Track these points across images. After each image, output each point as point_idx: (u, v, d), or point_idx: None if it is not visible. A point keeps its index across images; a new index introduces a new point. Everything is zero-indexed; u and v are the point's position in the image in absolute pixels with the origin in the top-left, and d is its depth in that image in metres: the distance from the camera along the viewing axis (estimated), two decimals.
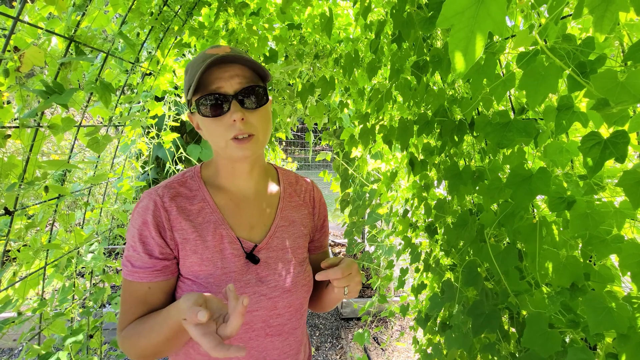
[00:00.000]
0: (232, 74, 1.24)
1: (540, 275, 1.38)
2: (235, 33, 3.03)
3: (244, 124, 1.24)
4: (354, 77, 2.94)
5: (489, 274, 1.74)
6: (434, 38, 1.99)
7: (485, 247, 1.59)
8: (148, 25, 2.69)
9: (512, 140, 1.34)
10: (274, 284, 1.35)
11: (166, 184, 1.36)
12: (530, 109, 1.29)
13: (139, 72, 2.96)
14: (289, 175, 1.59)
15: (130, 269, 1.27)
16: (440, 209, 2.13)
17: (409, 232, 2.71)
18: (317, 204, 1.59)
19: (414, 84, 2.03)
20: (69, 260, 2.55)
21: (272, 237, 1.41)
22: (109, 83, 2.18)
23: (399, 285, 2.91)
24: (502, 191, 1.51)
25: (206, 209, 1.35)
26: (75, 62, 1.98)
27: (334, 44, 3.16)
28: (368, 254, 3.65)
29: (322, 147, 12.13)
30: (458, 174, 1.75)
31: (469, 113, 1.61)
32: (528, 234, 1.42)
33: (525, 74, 1.14)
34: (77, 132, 2.42)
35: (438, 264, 2.32)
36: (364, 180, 3.54)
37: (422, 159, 2.14)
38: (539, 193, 1.28)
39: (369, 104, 2.60)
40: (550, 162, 1.34)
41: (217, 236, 1.32)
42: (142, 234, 1.27)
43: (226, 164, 1.38)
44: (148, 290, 1.28)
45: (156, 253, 1.27)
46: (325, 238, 1.64)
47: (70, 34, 1.98)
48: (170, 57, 3.19)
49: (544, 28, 1.14)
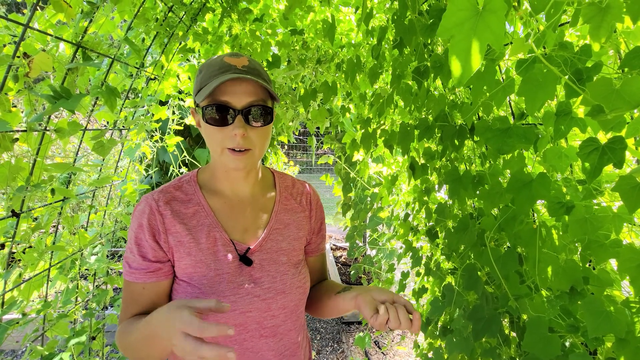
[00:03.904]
0: (244, 89, 1.25)
1: (540, 279, 1.39)
2: (238, 38, 3.05)
3: (244, 139, 1.26)
4: (356, 82, 2.95)
5: (490, 278, 1.75)
6: (435, 44, 2.00)
7: (485, 251, 1.60)
8: (153, 31, 2.71)
9: (512, 146, 1.35)
10: (268, 286, 1.37)
11: (162, 189, 1.39)
12: (529, 114, 1.30)
13: (144, 76, 2.98)
14: (285, 178, 1.61)
15: (128, 269, 1.31)
16: (441, 213, 2.13)
17: (410, 235, 2.72)
18: (314, 207, 1.60)
19: (415, 89, 2.05)
20: (73, 262, 2.57)
21: (266, 240, 1.42)
22: (115, 87, 2.20)
23: (399, 289, 2.92)
24: (503, 196, 1.52)
25: (200, 212, 1.37)
26: (82, 67, 2.00)
27: (336, 49, 3.18)
28: (369, 257, 3.66)
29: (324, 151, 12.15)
30: (459, 178, 1.76)
31: (470, 118, 1.62)
32: (528, 238, 1.43)
33: (523, 81, 1.16)
34: (83, 135, 2.44)
35: (439, 268, 2.32)
36: (366, 183, 3.55)
37: (423, 163, 2.15)
38: (539, 198, 1.29)
39: (370, 108, 2.62)
40: (550, 167, 1.35)
41: (211, 239, 1.34)
42: (137, 236, 1.30)
43: (221, 169, 1.40)
44: (142, 291, 1.31)
45: (149, 256, 1.30)
46: (322, 241, 1.65)
47: (77, 40, 1.99)
48: (174, 62, 3.20)
49: (542, 35, 1.15)
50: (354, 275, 3.74)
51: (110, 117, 2.63)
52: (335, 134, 4.21)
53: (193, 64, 3.35)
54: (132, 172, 3.70)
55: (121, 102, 2.84)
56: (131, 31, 2.54)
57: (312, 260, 1.63)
